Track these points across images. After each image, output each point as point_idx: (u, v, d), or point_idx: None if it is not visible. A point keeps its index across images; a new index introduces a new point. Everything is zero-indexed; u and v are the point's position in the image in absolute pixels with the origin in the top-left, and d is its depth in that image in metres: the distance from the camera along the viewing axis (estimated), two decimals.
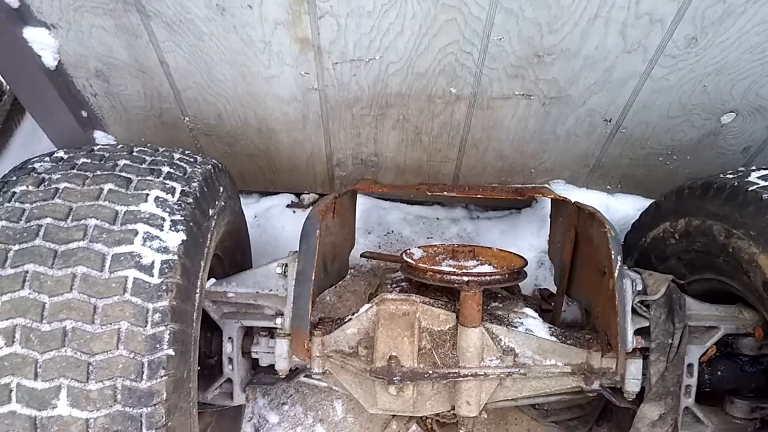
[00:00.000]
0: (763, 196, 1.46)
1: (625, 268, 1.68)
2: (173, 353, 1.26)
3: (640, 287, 1.66)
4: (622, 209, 2.39)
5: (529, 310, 1.82)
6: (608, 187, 2.45)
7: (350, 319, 1.73)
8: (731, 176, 1.63)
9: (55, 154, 1.50)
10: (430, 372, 1.61)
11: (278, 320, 1.69)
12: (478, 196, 2.12)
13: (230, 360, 1.75)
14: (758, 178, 1.55)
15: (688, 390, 1.65)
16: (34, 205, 1.31)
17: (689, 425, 1.69)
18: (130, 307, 1.22)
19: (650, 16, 1.65)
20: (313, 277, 1.60)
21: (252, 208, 2.70)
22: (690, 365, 1.64)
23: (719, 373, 1.70)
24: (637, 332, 1.62)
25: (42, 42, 1.78)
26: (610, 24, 1.68)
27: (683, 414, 1.67)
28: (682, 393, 1.64)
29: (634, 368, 1.62)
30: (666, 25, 1.67)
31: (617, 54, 1.79)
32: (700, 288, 1.78)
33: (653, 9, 1.63)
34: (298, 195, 2.75)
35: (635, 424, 1.62)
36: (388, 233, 2.68)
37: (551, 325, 1.75)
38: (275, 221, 2.66)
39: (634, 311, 1.64)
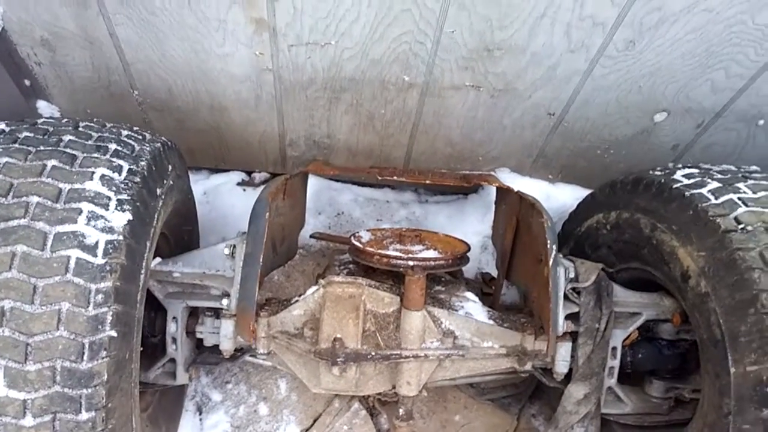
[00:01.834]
0: (686, 193, 1.57)
1: (560, 256, 1.77)
2: (115, 334, 1.26)
3: (572, 275, 1.76)
4: (561, 198, 2.51)
5: (470, 294, 1.89)
6: (550, 176, 2.55)
7: (297, 300, 1.76)
8: (659, 173, 1.73)
9: None
10: (373, 353, 1.67)
11: (224, 301, 1.71)
12: (427, 181, 2.18)
13: (174, 340, 1.75)
14: (683, 176, 1.66)
15: (612, 371, 1.78)
16: None
17: (611, 403, 1.82)
18: (71, 288, 1.21)
19: (593, 19, 1.72)
20: (261, 259, 1.62)
21: (201, 184, 2.67)
22: (614, 348, 1.76)
23: (640, 355, 1.83)
24: (568, 317, 1.73)
25: None
26: (556, 24, 1.75)
27: (606, 393, 1.79)
28: (606, 374, 1.76)
29: (563, 351, 1.73)
30: (607, 28, 1.75)
31: (562, 52, 1.86)
32: (626, 276, 1.90)
33: (596, 12, 1.70)
34: (248, 173, 2.73)
35: (562, 402, 1.74)
36: (339, 214, 2.71)
37: (490, 309, 1.84)
38: (225, 199, 2.64)
39: (565, 297, 1.74)
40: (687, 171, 1.70)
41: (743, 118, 2.12)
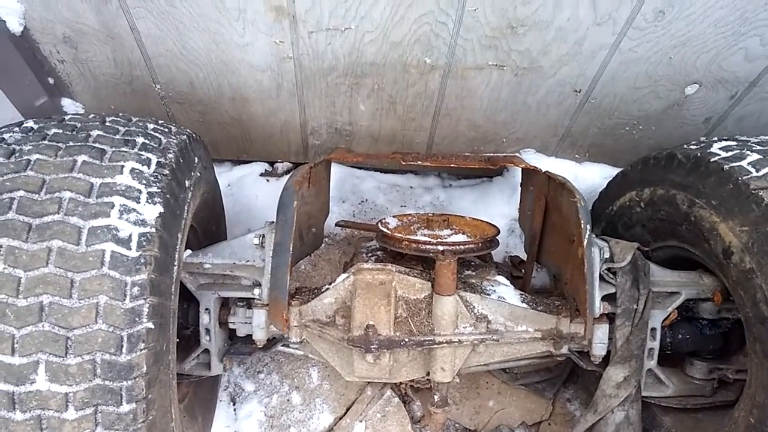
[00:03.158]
0: (724, 167, 1.52)
1: (594, 236, 1.74)
2: (152, 326, 1.26)
3: (607, 255, 1.72)
4: (589, 178, 2.46)
5: (501, 278, 1.87)
6: (576, 156, 2.50)
7: (327, 288, 1.75)
8: (694, 147, 1.68)
9: (25, 125, 1.45)
10: (406, 340, 1.66)
11: (255, 291, 1.71)
12: (451, 165, 2.14)
13: (207, 331, 1.76)
14: (720, 149, 1.61)
15: (651, 353, 1.74)
16: (5, 177, 1.27)
17: (651, 386, 1.78)
18: (108, 281, 1.22)
19: None
20: (290, 248, 1.61)
21: (225, 176, 2.67)
22: (653, 329, 1.73)
23: (680, 336, 1.79)
24: (604, 298, 1.69)
25: (7, 7, 1.71)
26: None
27: (646, 375, 1.76)
28: (645, 356, 1.73)
29: (600, 333, 1.69)
30: None
31: (588, 26, 1.81)
32: (663, 255, 1.85)
33: None
34: (271, 163, 2.73)
35: (601, 385, 1.71)
36: (362, 202, 2.69)
37: (522, 292, 1.81)
38: (248, 190, 2.64)
39: (601, 278, 1.70)
40: (724, 144, 1.65)
41: None
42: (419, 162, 2.14)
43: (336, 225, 2.49)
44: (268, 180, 2.69)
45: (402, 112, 2.27)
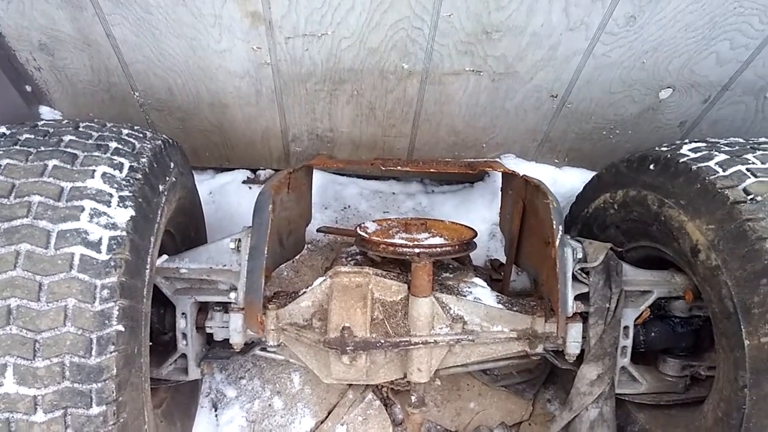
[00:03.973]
0: (693, 167, 1.54)
1: (567, 237, 1.75)
2: (123, 329, 1.26)
3: (580, 255, 1.74)
4: (569, 182, 2.48)
5: (478, 280, 1.88)
6: (556, 160, 2.53)
7: (304, 292, 1.76)
8: (665, 149, 1.71)
9: None
10: (382, 341, 1.66)
11: (232, 295, 1.71)
12: (432, 170, 2.16)
13: (184, 335, 1.76)
14: (689, 150, 1.64)
15: (624, 351, 1.76)
16: None
17: (625, 383, 1.80)
18: (77, 284, 1.22)
19: None
20: (266, 252, 1.62)
21: (207, 184, 2.68)
22: (626, 327, 1.74)
23: (653, 334, 1.81)
24: (577, 298, 1.71)
25: None
26: (554, 2, 1.73)
27: (620, 373, 1.78)
28: (618, 353, 1.74)
29: (574, 332, 1.71)
30: (606, 3, 1.72)
31: (561, 31, 1.84)
32: (637, 255, 1.87)
33: None
34: (254, 171, 2.74)
35: (576, 383, 1.72)
36: (345, 208, 2.70)
37: (499, 294, 1.83)
38: (231, 197, 2.65)
39: (574, 278, 1.72)
40: (693, 145, 1.67)
41: (751, 91, 2.08)
42: (400, 167, 2.16)
43: (318, 231, 2.50)
44: (250, 187, 2.70)
45: (382, 118, 2.29)
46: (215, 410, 2.24)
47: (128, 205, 1.35)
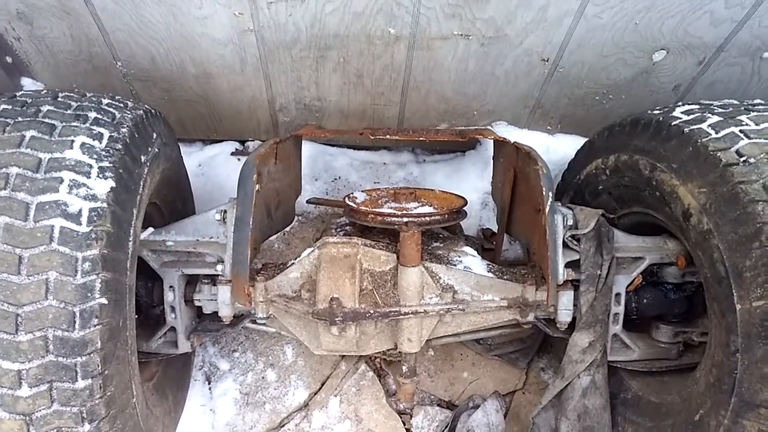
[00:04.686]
0: (685, 129, 1.51)
1: (558, 204, 1.73)
2: (106, 302, 1.25)
3: (571, 222, 1.72)
4: (561, 149, 2.45)
5: (468, 249, 1.86)
6: (548, 127, 2.49)
7: (293, 263, 1.74)
8: (657, 112, 1.67)
9: None
10: (372, 311, 1.65)
11: (219, 267, 1.69)
12: (422, 138, 2.12)
13: (172, 308, 1.75)
14: (682, 113, 1.60)
15: (616, 318, 1.75)
16: None
17: (618, 350, 1.80)
18: (57, 257, 1.20)
19: None
20: (251, 223, 1.60)
21: (195, 156, 2.64)
22: (618, 294, 1.73)
23: (645, 300, 1.80)
24: (569, 265, 1.69)
25: None
26: None
27: (612, 340, 1.77)
28: (610, 321, 1.73)
29: (565, 299, 1.70)
30: None
31: None
32: (629, 221, 1.86)
33: None
34: (242, 142, 2.70)
35: (567, 351, 1.71)
36: (335, 179, 2.67)
37: (490, 263, 1.81)
38: (220, 169, 2.61)
39: (565, 245, 1.70)
40: (686, 108, 1.64)
41: (746, 52, 2.04)
42: (389, 136, 2.11)
43: (307, 202, 2.48)
44: (239, 159, 2.66)
45: (370, 86, 2.25)
46: (209, 383, 2.24)
47: (108, 176, 1.32)
